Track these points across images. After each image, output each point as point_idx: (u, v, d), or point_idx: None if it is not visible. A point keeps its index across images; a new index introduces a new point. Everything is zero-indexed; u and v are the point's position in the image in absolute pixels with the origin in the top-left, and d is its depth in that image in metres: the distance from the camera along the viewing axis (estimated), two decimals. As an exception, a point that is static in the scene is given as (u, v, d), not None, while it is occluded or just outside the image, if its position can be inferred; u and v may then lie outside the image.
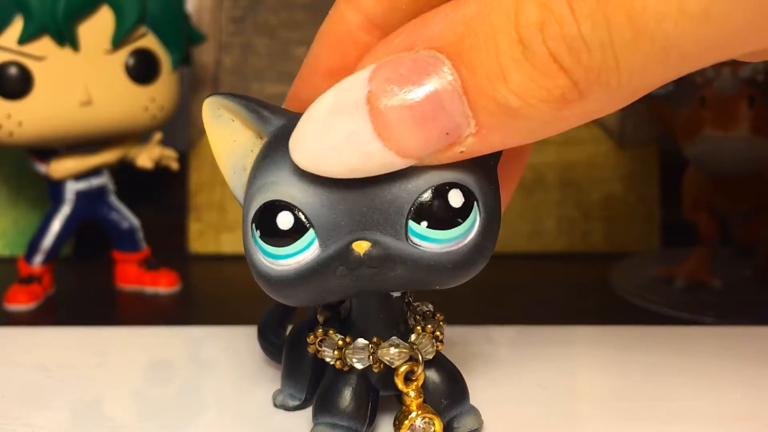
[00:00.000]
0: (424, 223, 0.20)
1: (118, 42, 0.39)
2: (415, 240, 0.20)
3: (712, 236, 0.42)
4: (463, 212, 0.21)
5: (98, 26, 0.38)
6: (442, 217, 0.20)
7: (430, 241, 0.20)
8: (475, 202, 0.21)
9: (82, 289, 0.44)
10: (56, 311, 0.40)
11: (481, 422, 0.24)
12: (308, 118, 0.20)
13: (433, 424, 0.23)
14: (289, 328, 0.28)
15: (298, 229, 0.20)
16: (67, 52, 0.38)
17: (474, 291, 0.42)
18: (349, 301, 0.24)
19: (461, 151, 0.19)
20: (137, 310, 0.40)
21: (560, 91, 0.18)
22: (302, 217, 0.20)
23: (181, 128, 0.48)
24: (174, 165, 0.43)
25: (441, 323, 0.24)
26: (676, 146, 0.42)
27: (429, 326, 0.23)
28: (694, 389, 0.28)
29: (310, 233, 0.20)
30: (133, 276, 0.42)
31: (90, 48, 0.38)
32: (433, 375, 0.24)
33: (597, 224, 0.48)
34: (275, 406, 0.26)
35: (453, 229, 0.20)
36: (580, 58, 0.17)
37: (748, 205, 0.42)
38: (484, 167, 0.21)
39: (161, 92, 0.41)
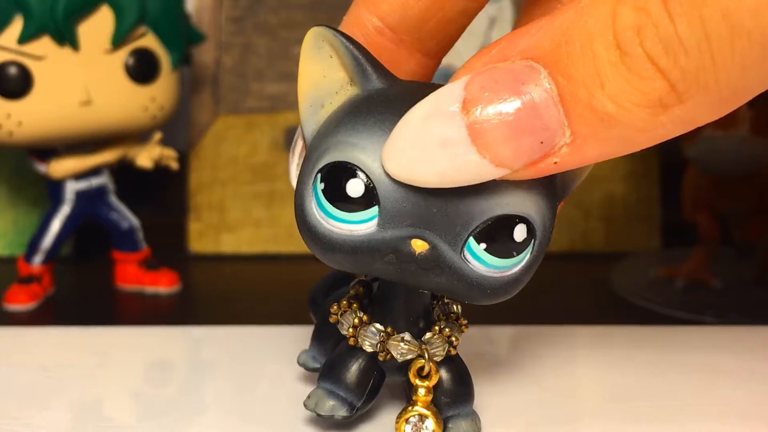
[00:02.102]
0: (483, 245, 0.21)
1: (118, 42, 0.39)
2: (468, 256, 0.21)
3: (712, 236, 0.42)
4: (521, 247, 0.21)
5: (98, 26, 0.38)
6: (501, 245, 0.21)
7: (481, 262, 0.21)
8: (533, 240, 0.21)
9: (82, 289, 0.44)
10: (56, 311, 0.40)
11: (477, 429, 0.24)
12: (403, 125, 0.20)
13: (432, 425, 0.23)
14: None
15: (365, 201, 0.20)
16: (66, 51, 0.38)
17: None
18: (380, 283, 0.24)
19: (555, 162, 0.19)
20: (137, 310, 0.40)
21: (657, 94, 0.17)
22: (373, 190, 0.20)
23: (181, 128, 0.48)
24: (174, 165, 0.43)
25: (462, 327, 0.24)
26: (676, 146, 0.42)
27: (447, 329, 0.23)
28: (694, 389, 0.28)
29: (374, 210, 0.20)
30: (133, 276, 0.42)
31: (90, 48, 0.38)
32: (442, 372, 0.24)
33: (597, 224, 0.49)
34: (299, 363, 0.27)
35: (506, 260, 0.21)
36: (677, 59, 0.17)
37: (748, 205, 0.42)
38: (552, 208, 0.22)
39: (161, 92, 0.41)
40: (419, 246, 0.20)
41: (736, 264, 0.43)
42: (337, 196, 0.21)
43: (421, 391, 0.23)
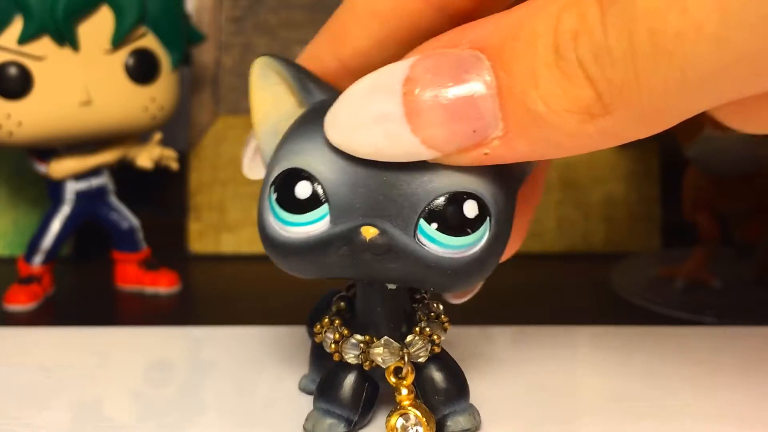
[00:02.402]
0: (434, 225, 0.21)
1: (118, 42, 0.39)
2: (422, 239, 0.21)
3: (712, 236, 0.42)
4: (475, 224, 0.21)
5: (98, 26, 0.38)
6: (452, 223, 0.21)
7: (435, 243, 0.21)
8: (488, 218, 0.21)
9: (82, 289, 0.44)
10: (56, 311, 0.40)
11: (477, 422, 0.24)
12: (346, 96, 0.20)
13: (422, 422, 0.23)
14: None
15: (314, 201, 0.21)
16: (66, 52, 0.38)
17: (474, 291, 0.42)
18: (358, 294, 0.24)
19: (485, 153, 0.20)
20: (137, 310, 0.40)
21: (585, 102, 0.18)
22: (320, 190, 0.21)
23: (181, 128, 0.48)
24: (174, 165, 0.43)
25: (444, 325, 0.24)
26: (676, 146, 0.42)
27: (427, 329, 0.23)
28: (694, 389, 0.28)
29: (324, 208, 0.21)
30: (133, 276, 0.42)
31: (90, 48, 0.38)
32: (431, 371, 0.24)
33: (597, 224, 0.48)
34: (299, 389, 0.27)
35: (460, 238, 0.21)
36: (604, 69, 0.17)
37: (748, 205, 0.42)
38: (505, 187, 0.22)
39: (161, 92, 0.41)
40: (369, 232, 0.20)
41: (736, 264, 0.43)
42: (288, 201, 0.21)
43: (404, 391, 0.23)
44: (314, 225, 0.21)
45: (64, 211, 0.41)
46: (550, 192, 0.48)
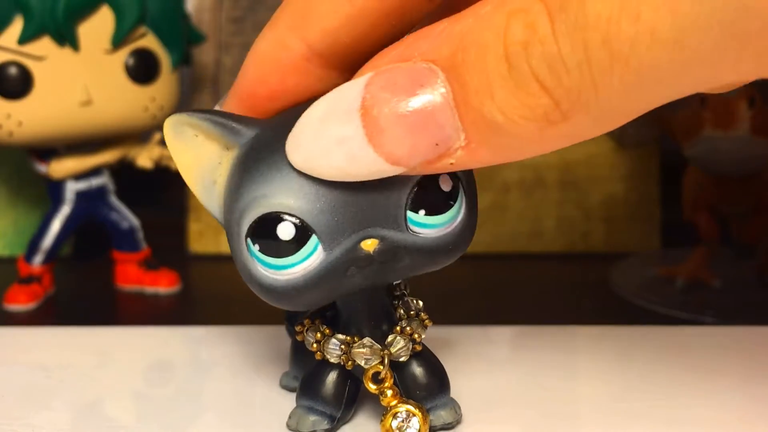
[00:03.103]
0: (422, 211, 0.21)
1: (118, 42, 0.39)
2: (415, 229, 0.21)
3: (712, 236, 0.42)
4: (453, 195, 0.21)
5: (98, 26, 0.38)
6: (436, 202, 0.21)
7: (428, 227, 0.21)
8: (460, 184, 0.22)
9: (82, 289, 0.44)
10: (56, 311, 0.40)
11: (458, 416, 0.24)
12: (303, 122, 0.20)
13: (417, 414, 0.23)
14: None
15: (301, 237, 0.21)
16: (67, 52, 0.38)
17: (474, 291, 0.42)
18: None
19: (451, 163, 0.19)
20: (137, 310, 0.40)
21: (543, 110, 0.18)
22: (302, 224, 0.21)
23: (181, 128, 0.48)
24: (174, 165, 0.43)
25: (425, 322, 0.24)
26: (676, 146, 0.42)
27: (408, 328, 0.23)
28: (694, 389, 0.28)
29: (313, 239, 0.21)
30: (133, 276, 0.42)
31: (90, 48, 0.38)
32: (410, 367, 0.24)
33: (597, 224, 0.48)
34: (281, 386, 0.27)
35: (447, 213, 0.21)
36: (560, 79, 0.17)
37: (748, 205, 0.42)
38: None
39: (161, 92, 0.41)
40: (370, 245, 0.21)
41: (736, 264, 0.43)
42: (274, 245, 0.21)
43: (388, 392, 0.23)
44: (310, 259, 0.21)
45: (64, 211, 0.41)
46: (550, 192, 0.48)
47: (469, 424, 0.25)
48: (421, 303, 0.25)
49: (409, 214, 0.21)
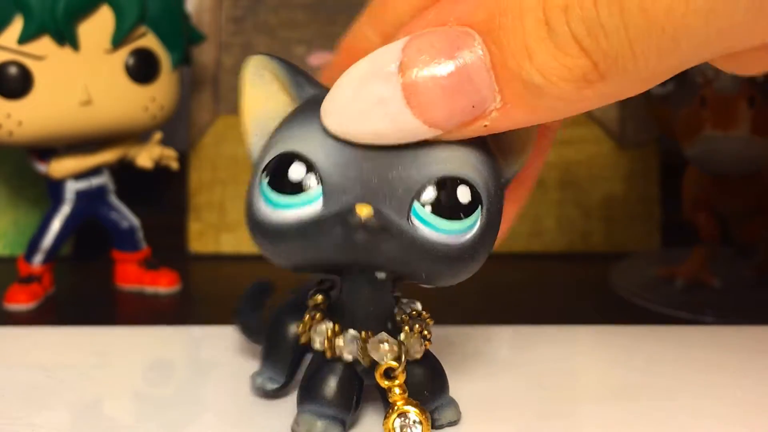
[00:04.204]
0: (428, 208, 0.21)
1: (118, 42, 0.39)
2: (415, 221, 0.21)
3: (712, 236, 0.42)
4: (468, 210, 0.21)
5: (98, 26, 0.38)
6: (446, 205, 0.21)
7: (429, 226, 0.21)
8: (481, 206, 0.21)
9: (82, 289, 0.44)
10: (56, 311, 0.40)
11: (460, 415, 0.25)
12: (341, 83, 0.21)
13: (420, 418, 0.23)
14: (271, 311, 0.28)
15: (307, 182, 0.21)
16: (67, 51, 0.38)
17: (474, 291, 0.42)
18: (339, 288, 0.24)
19: (485, 125, 0.20)
20: (137, 310, 0.40)
21: (581, 71, 0.18)
22: (314, 171, 0.21)
23: (181, 128, 0.48)
24: (174, 165, 0.43)
25: (428, 321, 0.24)
26: (676, 146, 0.42)
27: (417, 326, 0.23)
28: (694, 389, 0.28)
29: (318, 189, 0.21)
30: (133, 276, 0.42)
31: (90, 48, 0.38)
32: (416, 368, 0.24)
33: (597, 224, 0.48)
34: (255, 388, 0.26)
35: (454, 222, 0.21)
36: (598, 42, 0.18)
37: (748, 205, 0.42)
38: (497, 180, 0.22)
39: (161, 92, 0.41)
40: (364, 211, 0.20)
41: (736, 264, 0.43)
42: (281, 183, 0.21)
43: (396, 390, 0.23)
44: (306, 207, 0.21)
45: (65, 210, 0.41)
46: (550, 192, 0.48)
47: (469, 424, 0.25)
48: (419, 304, 0.25)
49: (415, 204, 0.21)
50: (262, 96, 0.23)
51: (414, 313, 0.24)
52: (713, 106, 0.39)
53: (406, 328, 0.23)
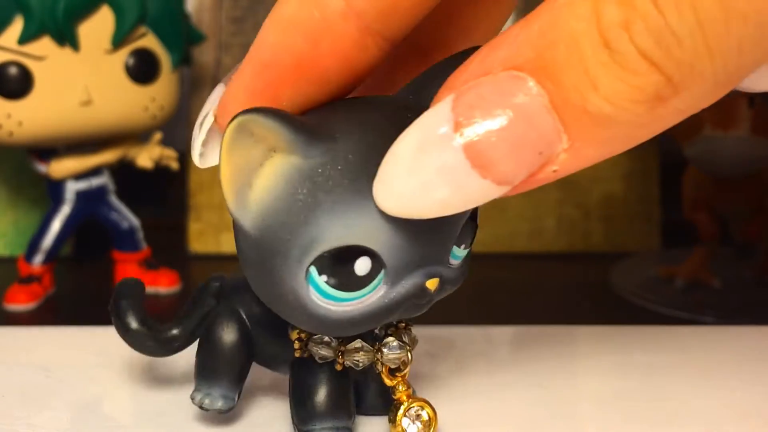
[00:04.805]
0: (463, 246, 0.21)
1: (118, 42, 0.39)
2: (452, 261, 0.21)
3: (712, 236, 0.42)
4: (475, 231, 0.22)
5: (98, 26, 0.38)
6: (472, 233, 0.22)
7: (457, 259, 0.21)
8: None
9: (82, 289, 0.44)
10: (56, 311, 0.40)
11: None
12: (394, 159, 0.19)
13: (425, 411, 0.23)
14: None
15: (373, 273, 0.20)
16: (67, 51, 0.38)
17: (474, 291, 0.42)
18: None
19: (554, 170, 0.18)
20: (137, 310, 0.40)
21: (653, 88, 0.17)
22: (378, 260, 0.20)
23: (181, 128, 0.48)
24: (174, 165, 0.43)
25: (407, 327, 0.24)
26: (676, 146, 0.42)
27: (402, 324, 0.23)
28: (694, 389, 0.28)
29: (381, 274, 0.20)
30: (133, 276, 0.42)
31: (90, 48, 0.38)
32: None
33: (597, 224, 0.48)
34: (204, 408, 0.25)
35: (469, 248, 0.22)
36: (670, 51, 0.17)
37: (748, 205, 0.42)
38: None
39: (161, 92, 0.41)
40: (434, 284, 0.21)
41: (736, 264, 0.43)
42: (345, 281, 0.20)
43: (401, 387, 0.23)
44: (372, 294, 0.20)
45: (65, 210, 0.41)
46: (550, 192, 0.48)
47: (469, 424, 0.25)
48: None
49: (454, 248, 0.21)
50: (239, 155, 0.19)
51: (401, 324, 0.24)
52: (713, 106, 0.39)
53: (393, 328, 0.23)
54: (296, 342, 0.23)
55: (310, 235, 0.19)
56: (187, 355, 0.33)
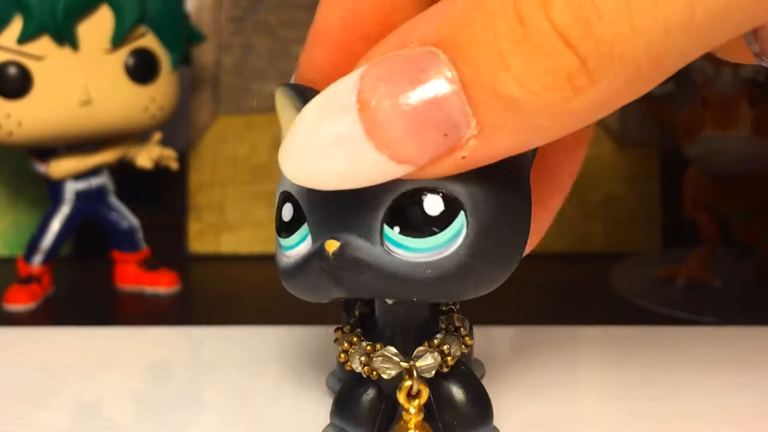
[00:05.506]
0: (397, 228, 0.19)
1: (117, 42, 0.39)
2: (390, 246, 0.19)
3: (712, 236, 0.42)
4: (441, 222, 0.19)
5: (98, 26, 0.38)
6: (414, 223, 0.19)
7: (402, 248, 0.19)
8: (462, 212, 0.19)
9: (81, 289, 0.44)
10: (56, 311, 0.40)
11: None
12: (296, 125, 0.18)
13: None
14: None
15: (296, 222, 0.21)
16: (66, 51, 0.38)
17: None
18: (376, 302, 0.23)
19: (463, 157, 0.17)
20: (137, 310, 0.40)
21: (566, 72, 0.16)
22: (299, 209, 0.21)
23: (181, 128, 0.48)
24: (174, 165, 0.43)
25: (465, 339, 0.22)
26: (676, 146, 0.42)
27: (436, 341, 0.22)
28: (694, 389, 0.28)
29: (305, 227, 0.21)
30: (132, 276, 0.42)
31: (90, 48, 0.38)
32: (453, 390, 0.22)
33: (597, 224, 0.48)
34: (327, 386, 0.26)
35: (427, 238, 0.19)
36: (589, 27, 0.15)
37: (749, 205, 0.42)
38: (488, 176, 0.19)
39: (161, 92, 0.41)
40: (330, 246, 0.19)
41: (737, 264, 0.43)
42: (280, 225, 0.21)
43: (411, 410, 0.22)
44: (300, 246, 0.21)
45: (64, 210, 0.41)
46: (550, 192, 0.48)
47: (469, 424, 0.25)
48: (467, 321, 0.23)
49: (386, 229, 0.19)
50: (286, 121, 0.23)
51: (451, 327, 0.23)
52: (714, 106, 0.39)
53: (426, 342, 0.22)
54: (342, 355, 0.23)
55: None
56: (186, 356, 0.33)
